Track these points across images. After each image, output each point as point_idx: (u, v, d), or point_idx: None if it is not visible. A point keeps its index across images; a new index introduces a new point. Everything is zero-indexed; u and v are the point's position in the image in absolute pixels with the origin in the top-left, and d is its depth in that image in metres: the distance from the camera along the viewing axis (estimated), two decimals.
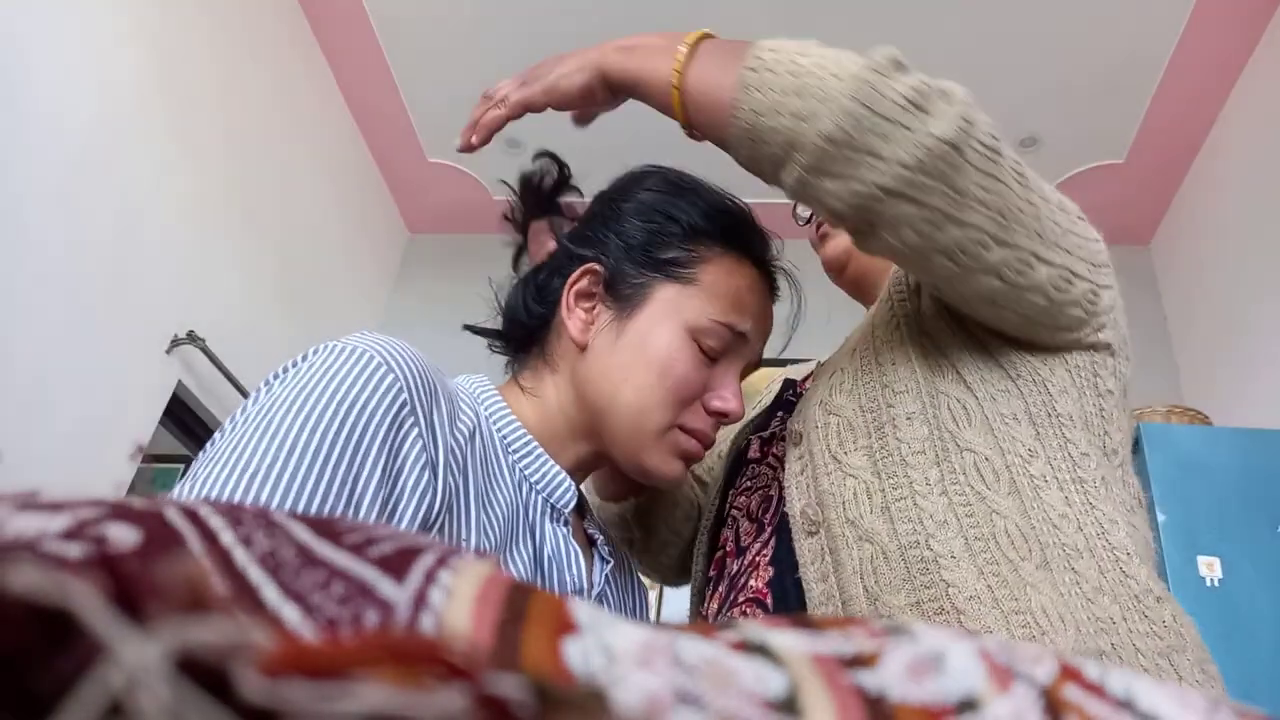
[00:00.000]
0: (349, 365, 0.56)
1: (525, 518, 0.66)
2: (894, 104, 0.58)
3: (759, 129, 0.62)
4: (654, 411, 0.68)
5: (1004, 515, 0.62)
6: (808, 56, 0.62)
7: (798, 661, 0.18)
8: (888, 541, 0.63)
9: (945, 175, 0.59)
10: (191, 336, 2.42)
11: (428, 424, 0.58)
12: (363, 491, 0.52)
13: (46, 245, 2.00)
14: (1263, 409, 2.49)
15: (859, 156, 0.59)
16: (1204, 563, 1.81)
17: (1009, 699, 0.18)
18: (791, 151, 0.61)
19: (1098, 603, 0.59)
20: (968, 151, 0.59)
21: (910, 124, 0.58)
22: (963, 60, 2.74)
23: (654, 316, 0.70)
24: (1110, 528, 0.63)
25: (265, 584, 0.17)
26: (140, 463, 2.29)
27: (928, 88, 0.60)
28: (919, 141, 0.58)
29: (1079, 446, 0.67)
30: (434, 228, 3.73)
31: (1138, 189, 3.09)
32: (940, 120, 0.58)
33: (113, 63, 2.20)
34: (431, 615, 0.17)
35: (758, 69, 0.63)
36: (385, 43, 2.97)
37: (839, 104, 0.58)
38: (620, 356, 0.69)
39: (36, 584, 0.12)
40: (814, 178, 0.61)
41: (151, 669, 0.12)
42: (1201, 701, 0.20)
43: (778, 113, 0.61)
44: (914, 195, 0.59)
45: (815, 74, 0.60)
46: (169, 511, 0.18)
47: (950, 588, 0.59)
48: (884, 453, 0.67)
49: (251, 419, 0.53)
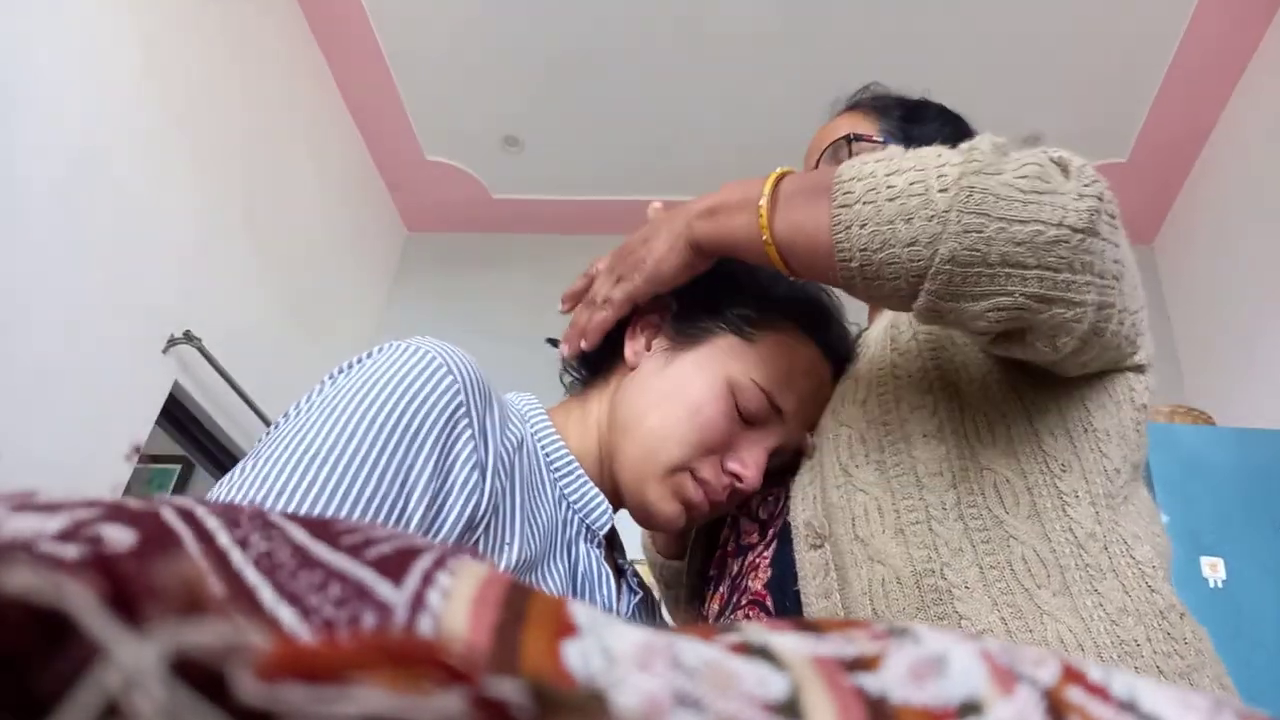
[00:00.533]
0: (411, 363, 0.58)
1: (562, 534, 0.67)
2: (1017, 202, 0.52)
3: (873, 266, 0.57)
4: (671, 445, 0.68)
5: (1021, 541, 0.61)
6: (899, 173, 0.56)
7: (799, 664, 0.18)
8: (901, 566, 0.61)
9: (1090, 265, 0.54)
10: (188, 336, 2.42)
11: (480, 427, 0.60)
12: (414, 483, 0.54)
13: (44, 245, 2.00)
14: (1266, 409, 2.49)
15: (995, 270, 0.53)
16: (1207, 563, 1.81)
17: (1011, 701, 0.18)
18: (917, 282, 0.56)
19: (1122, 624, 0.58)
20: (1101, 227, 0.54)
21: (1042, 217, 0.52)
22: (965, 59, 2.74)
23: (702, 359, 0.71)
24: (1135, 544, 0.62)
25: (262, 585, 0.17)
26: (137, 463, 2.29)
27: (1041, 168, 0.54)
28: (1058, 237, 0.52)
29: (1113, 462, 0.65)
30: (432, 226, 3.73)
31: (1140, 188, 3.08)
32: (1071, 203, 0.53)
33: (112, 62, 2.20)
34: (429, 617, 0.17)
35: (850, 204, 0.58)
36: (384, 42, 2.97)
37: (956, 219, 0.53)
38: (660, 384, 0.70)
39: (32, 585, 0.12)
40: (950, 303, 0.56)
41: (147, 671, 0.12)
42: (1204, 702, 0.20)
43: (889, 245, 0.55)
44: (1069, 296, 0.54)
45: (916, 193, 0.55)
46: (165, 512, 0.18)
47: (963, 620, 0.58)
48: (898, 470, 0.65)
49: (316, 407, 0.56)
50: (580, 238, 3.52)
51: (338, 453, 0.52)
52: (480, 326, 3.35)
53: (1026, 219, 0.52)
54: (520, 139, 3.24)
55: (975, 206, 0.52)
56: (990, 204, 0.52)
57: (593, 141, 3.18)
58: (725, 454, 0.70)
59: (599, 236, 3.55)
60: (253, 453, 0.54)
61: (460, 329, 3.39)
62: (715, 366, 0.70)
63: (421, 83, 3.08)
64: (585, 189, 3.40)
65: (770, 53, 2.79)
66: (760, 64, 2.83)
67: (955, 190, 0.53)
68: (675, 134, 3.10)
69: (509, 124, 3.18)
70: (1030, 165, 0.54)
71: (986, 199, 0.52)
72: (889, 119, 0.90)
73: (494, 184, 3.45)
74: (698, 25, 2.74)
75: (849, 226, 0.57)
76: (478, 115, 3.16)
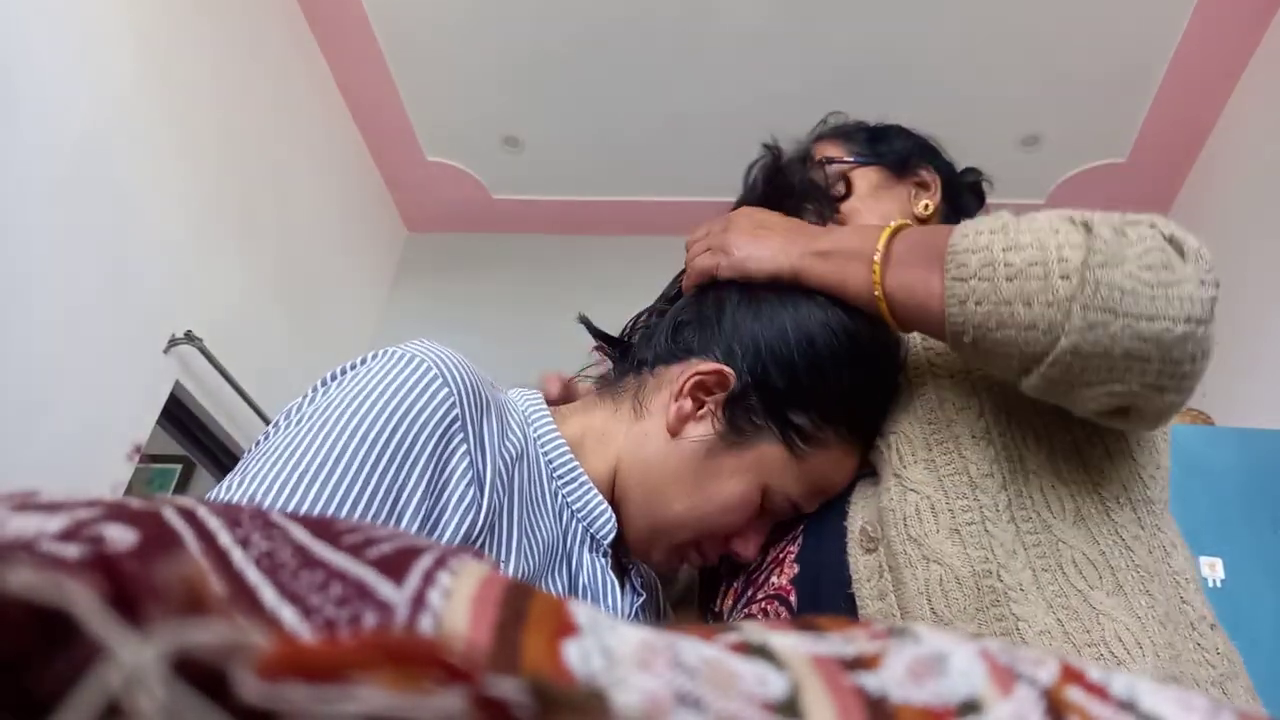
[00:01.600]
0: (404, 373, 0.57)
1: (563, 545, 0.66)
2: (1145, 298, 0.52)
3: (986, 344, 0.57)
4: (687, 530, 0.69)
5: (1070, 545, 0.61)
6: (1016, 249, 0.56)
7: (799, 663, 0.18)
8: (959, 565, 0.60)
9: (1207, 350, 0.54)
10: (189, 336, 2.42)
11: (477, 439, 0.58)
12: (406, 503, 0.53)
13: (44, 244, 2.00)
14: (1266, 409, 2.49)
15: (1117, 363, 0.53)
16: (1206, 563, 1.81)
17: (1011, 701, 0.18)
18: (1033, 365, 0.56)
19: (1168, 628, 0.58)
20: (1216, 312, 0.54)
21: (1174, 314, 0.51)
22: (964, 59, 2.74)
23: (746, 465, 0.68)
24: (1172, 552, 0.63)
25: (263, 585, 0.17)
26: (138, 463, 2.29)
27: (1164, 254, 0.53)
28: (1186, 334, 0.52)
29: (1146, 470, 0.66)
30: (433, 226, 3.73)
31: (1140, 188, 3.08)
32: (1195, 293, 0.52)
33: (111, 62, 2.20)
34: (430, 616, 0.17)
35: (964, 278, 0.57)
36: (384, 42, 2.97)
37: (1080, 315, 0.52)
38: (696, 473, 0.68)
39: (34, 584, 0.12)
40: (1064, 389, 0.56)
41: (149, 670, 0.12)
42: (1204, 703, 0.20)
43: (1005, 326, 0.55)
44: (1187, 384, 0.55)
45: (1036, 276, 0.54)
46: (166, 512, 0.18)
47: (1020, 622, 0.57)
48: (949, 469, 0.65)
49: (306, 419, 0.54)
50: (580, 238, 3.52)
51: (327, 470, 0.50)
52: (480, 326, 3.35)
53: (1154, 315, 0.51)
54: (520, 139, 3.24)
55: (1102, 302, 0.52)
56: (1116, 300, 0.52)
57: (593, 141, 3.17)
58: (732, 534, 0.70)
59: (599, 237, 3.57)
60: (240, 466, 0.53)
61: (460, 329, 3.39)
62: (754, 475, 0.68)
63: (421, 83, 3.08)
64: (585, 189, 3.39)
65: (770, 53, 2.78)
66: (760, 64, 2.83)
67: (1078, 280, 0.52)
68: (675, 134, 3.10)
69: (509, 124, 3.18)
70: (1154, 253, 0.53)
71: (1113, 295, 0.52)
72: (855, 141, 0.92)
73: (494, 184, 3.45)
74: (697, 25, 2.74)
75: (964, 301, 0.57)
76: (478, 115, 3.16)
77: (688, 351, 0.71)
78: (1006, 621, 0.58)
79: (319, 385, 0.59)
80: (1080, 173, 3.09)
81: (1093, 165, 3.08)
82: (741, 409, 0.68)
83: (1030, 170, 3.05)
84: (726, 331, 0.70)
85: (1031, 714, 0.18)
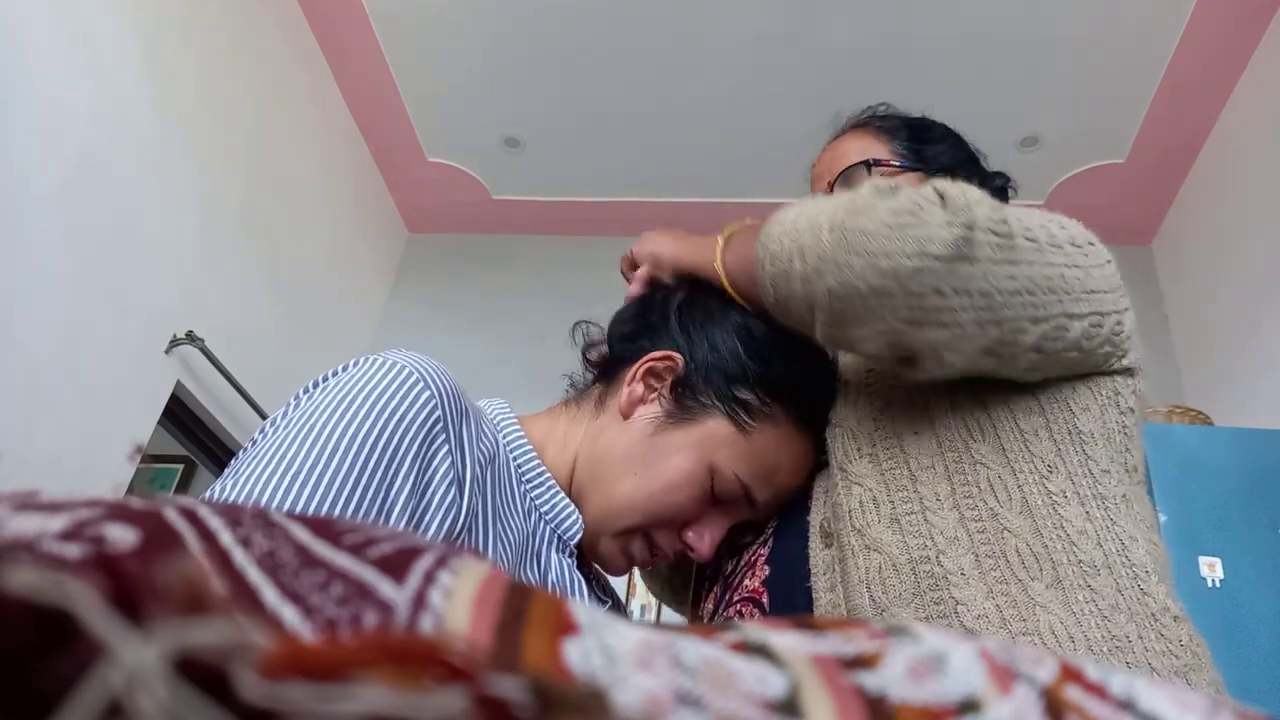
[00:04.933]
0: (388, 378, 0.58)
1: (532, 545, 0.68)
2: (883, 238, 0.58)
3: (782, 297, 0.65)
4: (635, 513, 0.69)
5: (1015, 534, 0.62)
6: (803, 215, 0.64)
7: (798, 662, 0.18)
8: (898, 553, 0.63)
9: (964, 288, 0.58)
10: (190, 336, 2.42)
11: (457, 442, 0.59)
12: (394, 500, 0.54)
13: (45, 245, 2.00)
14: (1264, 409, 2.49)
15: (868, 300, 0.59)
16: (1205, 563, 1.81)
17: (1010, 700, 0.18)
18: (812, 312, 0.63)
19: (1114, 620, 0.59)
20: (979, 251, 0.58)
21: (908, 250, 0.57)
22: (965, 59, 2.74)
23: (692, 440, 0.70)
24: (1130, 545, 0.63)
25: (264, 585, 0.17)
26: (139, 463, 2.29)
27: (915, 203, 0.59)
28: (924, 267, 0.57)
29: (1100, 464, 0.66)
30: (433, 227, 3.73)
31: (1139, 189, 3.08)
32: (936, 232, 0.57)
33: (111, 62, 2.20)
34: (431, 616, 0.17)
35: (765, 241, 0.65)
36: (385, 42, 2.97)
37: (835, 256, 0.59)
38: (643, 451, 0.70)
39: (35, 584, 0.12)
40: (840, 331, 0.63)
41: (150, 670, 0.12)
42: (1202, 702, 0.20)
43: (789, 279, 0.63)
44: (942, 319, 0.58)
45: (808, 231, 0.62)
46: (168, 512, 0.18)
47: (959, 605, 0.59)
48: (890, 463, 0.67)
49: (294, 422, 0.55)
50: (580, 238, 3.52)
51: (319, 470, 0.51)
52: (481, 327, 3.35)
53: (889, 252, 0.58)
54: (520, 139, 3.24)
55: (849, 246, 0.59)
56: (860, 242, 0.58)
57: (593, 142, 3.18)
58: (685, 524, 0.71)
59: (599, 237, 3.56)
60: (231, 469, 0.54)
61: (460, 329, 3.39)
62: (702, 451, 0.69)
63: (422, 83, 3.08)
64: (585, 189, 3.40)
65: (770, 53, 2.79)
66: (760, 64, 2.83)
67: (838, 231, 0.60)
68: (675, 134, 3.10)
69: (509, 124, 3.18)
70: (904, 201, 0.59)
71: (858, 239, 0.59)
72: (899, 140, 0.92)
73: (494, 185, 3.45)
74: (698, 25, 2.74)
75: (764, 265, 0.65)
76: (478, 116, 3.16)
77: (641, 350, 0.75)
78: (945, 605, 0.59)
79: (301, 393, 0.60)
80: (1079, 173, 3.09)
81: (1092, 166, 3.08)
82: (688, 388, 0.72)
83: (1029, 171, 3.05)
84: (674, 328, 0.76)
85: (1030, 713, 0.18)
